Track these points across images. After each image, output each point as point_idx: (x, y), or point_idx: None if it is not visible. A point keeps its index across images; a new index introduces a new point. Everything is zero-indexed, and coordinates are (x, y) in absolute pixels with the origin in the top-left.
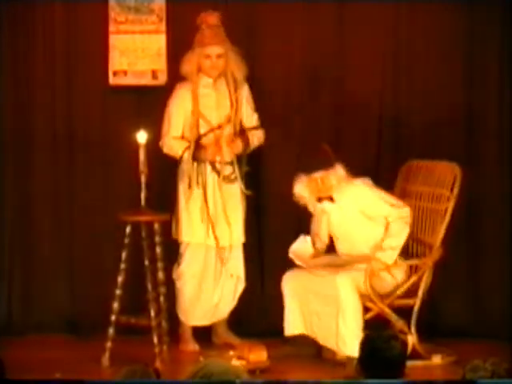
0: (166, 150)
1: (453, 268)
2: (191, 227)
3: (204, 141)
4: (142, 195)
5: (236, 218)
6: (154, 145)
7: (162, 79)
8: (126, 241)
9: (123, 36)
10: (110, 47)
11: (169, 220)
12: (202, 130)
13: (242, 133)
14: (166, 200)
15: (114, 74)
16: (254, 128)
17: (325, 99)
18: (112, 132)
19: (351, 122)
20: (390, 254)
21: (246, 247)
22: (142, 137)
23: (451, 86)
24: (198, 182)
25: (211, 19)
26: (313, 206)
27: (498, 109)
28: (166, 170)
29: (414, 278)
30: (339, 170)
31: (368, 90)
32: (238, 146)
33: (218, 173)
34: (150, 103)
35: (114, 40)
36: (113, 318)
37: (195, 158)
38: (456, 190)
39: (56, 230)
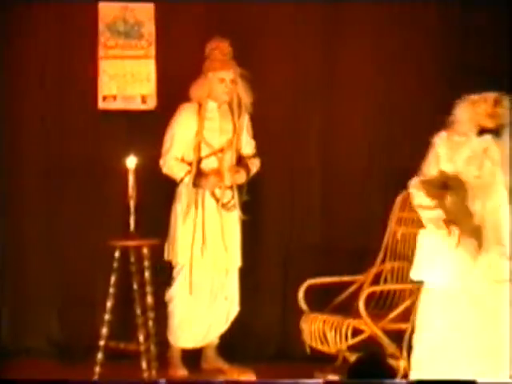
0: (165, 169)
1: None
2: (187, 250)
3: (205, 164)
4: (131, 220)
5: (233, 243)
6: (144, 169)
7: (152, 104)
8: (115, 265)
9: (113, 61)
10: (100, 72)
11: (158, 244)
12: (204, 154)
13: (239, 160)
14: (155, 224)
15: (104, 98)
16: (252, 156)
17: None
18: (101, 156)
19: (342, 149)
20: None
21: (241, 271)
22: (131, 162)
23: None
24: (196, 207)
25: (223, 45)
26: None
27: None
28: (155, 195)
29: (407, 303)
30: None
31: (358, 117)
32: (242, 176)
33: (217, 200)
34: (139, 128)
35: (104, 65)
36: (101, 342)
37: (195, 184)
38: None
39: (46, 254)
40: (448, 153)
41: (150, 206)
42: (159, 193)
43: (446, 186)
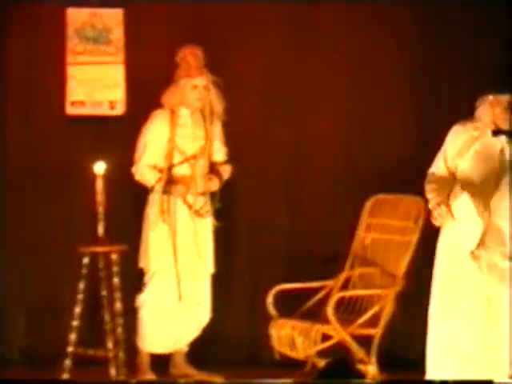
0: (138, 176)
1: (415, 300)
2: (159, 257)
3: (177, 171)
4: (100, 226)
5: (206, 249)
6: (112, 175)
7: (120, 109)
8: (84, 271)
9: (81, 66)
10: (68, 78)
11: (126, 250)
12: (176, 160)
13: (211, 167)
14: (124, 230)
15: (72, 104)
16: (224, 163)
17: (282, 134)
18: (69, 162)
19: (311, 156)
20: None
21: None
22: (99, 168)
23: (408, 124)
24: (168, 214)
25: (195, 52)
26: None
27: None
28: (124, 201)
29: (376, 308)
30: None
31: (325, 124)
32: (215, 183)
33: (190, 206)
34: (107, 134)
35: (72, 70)
36: (70, 349)
37: (166, 191)
38: (420, 223)
39: (13, 260)
40: (460, 148)
41: (118, 211)
42: (128, 198)
43: None
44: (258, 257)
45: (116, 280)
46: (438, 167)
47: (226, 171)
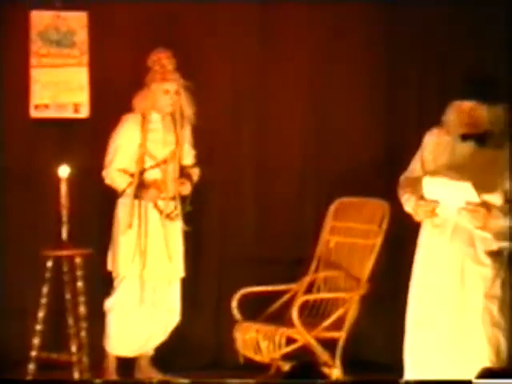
0: (108, 180)
1: (378, 303)
2: (128, 261)
3: (148, 175)
4: (64, 229)
5: (176, 253)
6: (76, 178)
7: (85, 112)
8: (47, 275)
9: (45, 69)
10: (32, 80)
11: (91, 254)
12: (147, 165)
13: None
14: (88, 234)
15: (36, 107)
16: (192, 166)
17: (248, 137)
18: (33, 165)
19: (278, 159)
20: None
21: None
22: (63, 171)
23: (372, 127)
24: (139, 218)
25: (165, 56)
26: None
27: (417, 147)
28: (88, 204)
29: (340, 311)
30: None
31: (290, 127)
32: (187, 187)
33: (161, 211)
34: (72, 137)
35: (36, 73)
36: (33, 353)
37: (137, 196)
38: (384, 226)
39: None
40: (434, 152)
41: (82, 215)
42: (92, 202)
43: None
44: (224, 260)
45: (80, 284)
46: (412, 170)
47: (195, 174)
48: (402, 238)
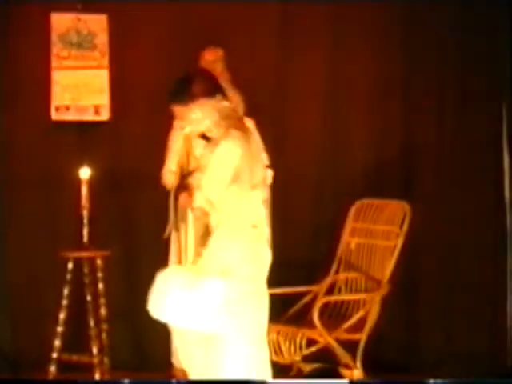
0: (163, 181)
1: (396, 304)
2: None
3: (192, 178)
4: (85, 231)
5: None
6: (97, 180)
7: (105, 115)
8: (68, 277)
9: (66, 71)
10: (53, 82)
11: (111, 255)
12: (191, 168)
13: None
14: (108, 235)
15: (57, 109)
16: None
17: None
18: (54, 167)
19: (297, 160)
20: None
21: None
22: (84, 173)
23: (391, 127)
24: (179, 221)
25: (210, 55)
26: None
27: (437, 148)
28: (109, 206)
29: (361, 313)
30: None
31: (309, 127)
32: None
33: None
34: (92, 139)
35: (57, 75)
36: (54, 355)
37: (176, 199)
38: (405, 227)
39: None
40: None
41: (103, 217)
42: (113, 204)
43: None
44: None
45: (101, 285)
46: None
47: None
48: (421, 239)
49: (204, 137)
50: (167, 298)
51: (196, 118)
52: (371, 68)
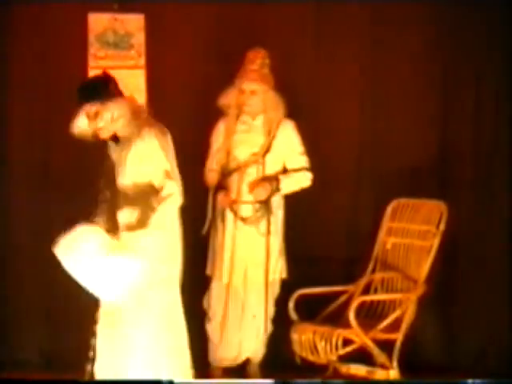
0: (205, 180)
1: (432, 303)
2: (211, 264)
3: (230, 178)
4: None
5: (255, 258)
6: None
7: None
8: None
9: None
10: None
11: None
12: (231, 167)
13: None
14: None
15: None
16: (295, 170)
17: (303, 136)
18: (91, 167)
19: (330, 159)
20: None
21: None
22: None
23: (428, 126)
24: (218, 221)
25: (254, 56)
26: None
27: (474, 147)
28: None
29: (397, 313)
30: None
31: (345, 127)
32: (261, 192)
33: (235, 213)
34: None
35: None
36: (91, 353)
37: (214, 199)
38: (442, 227)
39: (36, 264)
40: None
41: None
42: None
43: None
44: None
45: None
46: None
47: (293, 178)
48: (458, 238)
49: (114, 138)
50: (81, 248)
51: (112, 116)
52: (408, 68)
